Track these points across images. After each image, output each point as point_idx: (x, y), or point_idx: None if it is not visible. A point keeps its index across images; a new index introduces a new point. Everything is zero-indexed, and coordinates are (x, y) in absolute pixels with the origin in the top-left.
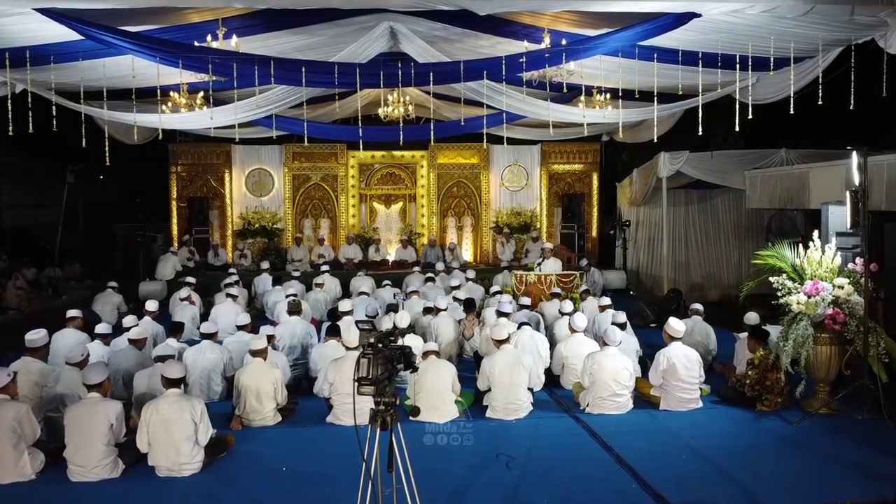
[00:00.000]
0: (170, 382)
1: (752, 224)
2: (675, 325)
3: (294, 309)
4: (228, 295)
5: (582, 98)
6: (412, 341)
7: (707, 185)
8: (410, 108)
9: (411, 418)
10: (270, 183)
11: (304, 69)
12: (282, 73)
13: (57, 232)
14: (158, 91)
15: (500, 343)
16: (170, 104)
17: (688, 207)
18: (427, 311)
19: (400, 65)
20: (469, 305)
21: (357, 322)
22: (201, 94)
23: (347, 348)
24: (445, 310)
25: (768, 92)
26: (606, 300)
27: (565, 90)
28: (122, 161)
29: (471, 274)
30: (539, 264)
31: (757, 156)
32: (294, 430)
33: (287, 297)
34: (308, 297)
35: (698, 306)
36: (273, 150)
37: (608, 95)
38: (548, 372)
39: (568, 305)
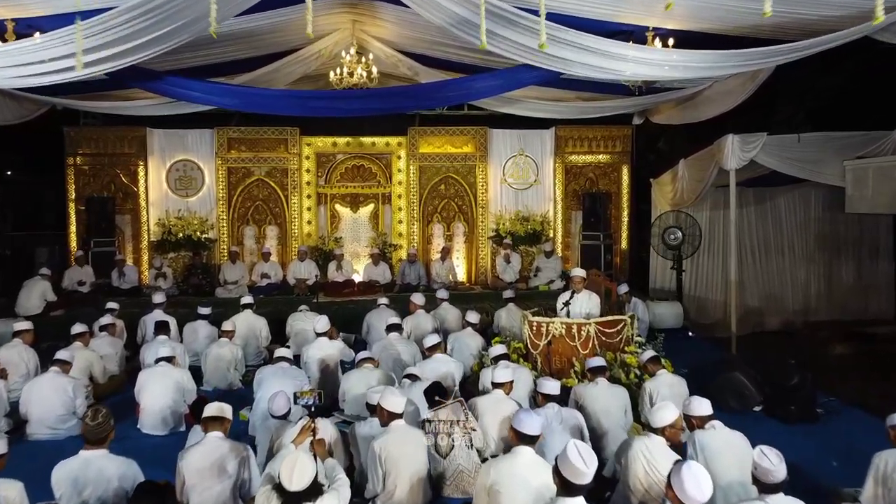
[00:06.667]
0: None
1: (827, 232)
2: None
3: (94, 437)
4: (56, 361)
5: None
6: (329, 499)
7: (767, 182)
8: (374, 70)
9: None
10: (199, 179)
11: None
12: None
13: None
14: None
15: None
16: None
17: (743, 210)
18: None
19: None
20: (435, 393)
21: None
22: (37, 34)
23: None
24: (401, 416)
25: None
26: (707, 407)
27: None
28: (25, 152)
29: (472, 317)
30: (567, 303)
31: (860, 140)
32: None
33: (158, 360)
34: (207, 355)
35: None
36: (203, 136)
37: (671, 40)
38: None
39: (667, 413)
